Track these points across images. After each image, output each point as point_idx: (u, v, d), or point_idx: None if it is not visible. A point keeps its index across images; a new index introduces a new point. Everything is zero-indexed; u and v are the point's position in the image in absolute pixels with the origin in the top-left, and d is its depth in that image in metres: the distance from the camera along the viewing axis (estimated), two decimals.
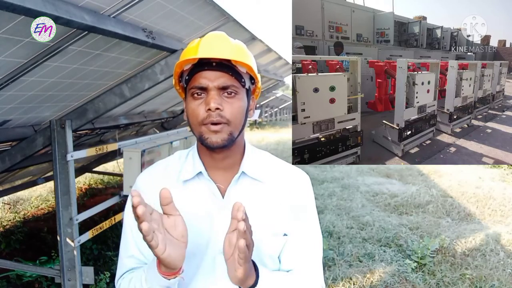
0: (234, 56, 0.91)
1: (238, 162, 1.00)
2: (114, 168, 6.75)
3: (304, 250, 1.03)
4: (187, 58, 0.91)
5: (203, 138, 0.92)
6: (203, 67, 0.90)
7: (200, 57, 0.90)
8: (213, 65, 0.90)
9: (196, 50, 0.91)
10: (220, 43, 0.92)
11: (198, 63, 0.91)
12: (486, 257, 4.03)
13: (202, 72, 0.90)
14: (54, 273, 2.62)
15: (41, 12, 1.30)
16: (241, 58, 0.92)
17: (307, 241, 1.03)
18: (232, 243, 0.82)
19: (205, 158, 1.00)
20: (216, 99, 0.89)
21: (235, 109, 0.91)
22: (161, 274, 0.84)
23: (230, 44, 0.93)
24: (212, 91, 0.90)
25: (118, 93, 2.43)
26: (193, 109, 0.92)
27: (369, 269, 3.74)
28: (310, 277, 1.02)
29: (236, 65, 0.92)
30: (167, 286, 0.85)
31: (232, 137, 0.92)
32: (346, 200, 5.99)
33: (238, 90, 0.92)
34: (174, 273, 0.84)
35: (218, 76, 0.90)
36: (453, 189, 6.74)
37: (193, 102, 0.92)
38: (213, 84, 0.90)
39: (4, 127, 2.42)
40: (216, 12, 2.37)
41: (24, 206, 5.85)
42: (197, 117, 0.91)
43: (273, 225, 0.99)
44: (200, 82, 0.90)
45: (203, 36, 0.95)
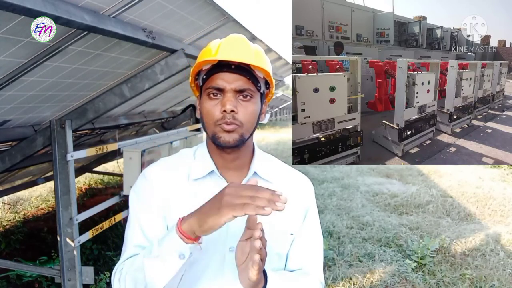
0: (253, 60, 0.92)
1: (247, 163, 1.03)
2: (114, 168, 6.75)
3: (309, 251, 1.06)
4: (207, 58, 0.93)
5: (216, 137, 0.94)
6: (222, 68, 0.92)
7: (220, 59, 0.91)
8: (232, 67, 0.92)
9: (217, 52, 0.93)
10: (240, 47, 0.94)
11: (217, 64, 0.93)
12: (486, 257, 4.03)
13: (220, 74, 0.92)
14: (54, 273, 2.62)
15: (41, 12, 1.30)
16: (260, 63, 0.94)
17: (311, 242, 1.07)
18: (245, 251, 0.84)
19: (216, 158, 1.01)
20: (232, 101, 0.91)
21: (248, 113, 0.94)
22: (180, 234, 0.81)
23: (250, 48, 0.95)
24: (229, 93, 0.92)
25: (118, 93, 2.43)
26: (208, 109, 0.93)
27: (369, 269, 3.74)
28: (314, 277, 1.05)
29: (254, 70, 0.94)
30: (181, 252, 0.81)
31: (243, 138, 0.95)
32: (346, 200, 5.99)
33: (254, 94, 0.94)
34: (193, 238, 0.81)
35: (236, 79, 0.92)
36: (453, 189, 6.74)
37: (208, 102, 0.94)
38: (230, 86, 0.92)
39: (4, 127, 2.42)
40: (216, 12, 2.37)
41: (24, 206, 5.85)
42: (212, 117, 0.93)
43: (281, 224, 1.02)
44: (217, 83, 0.92)
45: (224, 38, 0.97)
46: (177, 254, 0.81)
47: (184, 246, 0.81)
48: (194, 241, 0.81)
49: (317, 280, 1.05)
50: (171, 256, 0.81)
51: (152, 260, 0.83)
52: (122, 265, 0.96)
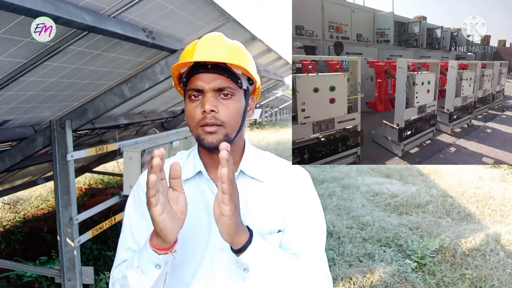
0: (229, 59, 0.92)
1: (237, 162, 1.02)
2: (114, 168, 6.75)
3: (306, 237, 1.00)
4: (183, 61, 0.93)
5: (200, 139, 0.93)
6: (199, 69, 0.92)
7: (195, 61, 0.91)
8: (208, 67, 0.91)
9: (192, 53, 0.92)
10: (215, 46, 0.93)
11: (194, 66, 0.93)
12: (486, 257, 4.03)
13: (198, 75, 0.92)
14: (54, 273, 2.62)
15: (41, 12, 1.30)
16: (237, 60, 0.93)
17: (309, 228, 1.01)
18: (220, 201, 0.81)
19: (205, 158, 1.01)
20: (211, 101, 0.90)
21: (230, 111, 0.92)
22: (152, 247, 0.84)
23: (226, 46, 0.94)
24: (208, 93, 0.91)
25: (118, 93, 2.43)
26: (190, 111, 0.93)
27: (369, 269, 3.73)
28: (313, 262, 0.98)
29: (232, 67, 0.93)
30: (157, 263, 0.85)
31: (228, 138, 0.93)
32: (346, 200, 5.98)
33: (235, 91, 0.93)
34: (165, 248, 0.84)
35: (214, 78, 0.91)
36: (453, 189, 6.74)
37: (190, 104, 0.94)
38: (209, 86, 0.91)
39: (4, 127, 2.42)
40: (216, 12, 2.37)
41: (24, 206, 5.85)
42: (194, 119, 0.92)
43: (270, 223, 1.00)
44: (196, 85, 0.92)
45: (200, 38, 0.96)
46: (153, 265, 0.86)
47: (157, 257, 0.85)
48: (167, 251, 0.84)
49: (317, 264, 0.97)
50: (148, 267, 0.86)
51: (134, 270, 0.89)
52: (113, 272, 1.00)
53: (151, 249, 0.84)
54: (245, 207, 0.97)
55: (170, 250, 0.85)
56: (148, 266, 0.86)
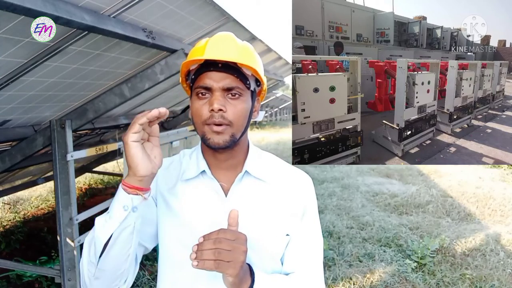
0: (239, 58, 0.91)
1: (242, 162, 1.01)
2: (114, 168, 6.74)
3: (305, 253, 1.02)
4: (193, 58, 0.92)
5: (205, 138, 0.93)
6: (209, 67, 0.91)
7: (206, 58, 0.91)
8: (218, 66, 0.91)
9: (203, 51, 0.92)
10: (226, 45, 0.93)
11: (204, 64, 0.92)
12: (486, 257, 4.03)
13: (208, 73, 0.91)
14: (54, 273, 2.62)
15: (41, 12, 1.30)
16: (247, 60, 0.93)
17: (308, 244, 1.03)
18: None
19: (209, 158, 1.01)
20: (219, 100, 0.90)
21: (238, 111, 0.92)
22: (123, 185, 0.84)
23: (237, 46, 0.94)
24: (217, 92, 0.91)
25: (118, 93, 2.43)
26: (197, 109, 0.92)
27: (369, 269, 3.73)
28: (310, 281, 1.00)
29: (242, 67, 0.92)
30: (125, 204, 0.84)
31: (234, 139, 0.93)
32: (346, 200, 5.99)
33: (243, 92, 0.93)
34: (136, 187, 0.83)
35: (223, 77, 0.91)
36: (453, 189, 6.74)
37: (197, 101, 0.93)
38: (218, 85, 0.91)
39: (4, 127, 2.42)
40: (216, 12, 2.37)
41: (24, 206, 5.85)
42: (201, 117, 0.92)
43: (275, 225, 1.00)
44: (205, 83, 0.91)
45: (211, 36, 0.96)
46: (121, 205, 0.84)
47: (127, 197, 0.84)
48: (136, 190, 0.84)
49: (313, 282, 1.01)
50: (116, 209, 0.85)
51: (102, 218, 0.87)
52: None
53: (121, 188, 0.84)
54: (250, 208, 0.98)
55: (142, 191, 0.84)
56: (116, 208, 0.84)
